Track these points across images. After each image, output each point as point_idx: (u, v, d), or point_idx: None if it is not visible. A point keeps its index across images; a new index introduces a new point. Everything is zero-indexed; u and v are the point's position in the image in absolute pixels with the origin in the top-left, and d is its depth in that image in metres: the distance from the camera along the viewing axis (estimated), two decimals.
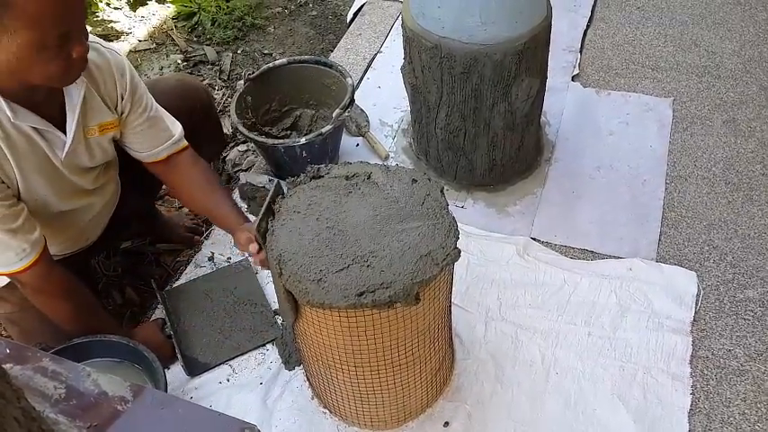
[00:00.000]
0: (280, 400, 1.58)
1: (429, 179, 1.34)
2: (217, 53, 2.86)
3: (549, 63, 1.92)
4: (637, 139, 2.17)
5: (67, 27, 1.17)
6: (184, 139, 1.57)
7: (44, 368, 0.93)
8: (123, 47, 2.91)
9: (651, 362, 1.60)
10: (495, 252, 1.84)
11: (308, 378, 1.59)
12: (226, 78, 2.74)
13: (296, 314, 1.29)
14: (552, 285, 1.76)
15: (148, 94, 1.50)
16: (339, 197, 1.32)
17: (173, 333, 1.69)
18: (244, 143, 2.37)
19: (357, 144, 2.22)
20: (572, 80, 2.40)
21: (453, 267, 1.34)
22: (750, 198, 1.97)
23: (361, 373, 1.35)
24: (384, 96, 2.39)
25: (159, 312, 1.78)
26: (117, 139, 1.51)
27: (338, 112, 1.95)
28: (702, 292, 1.74)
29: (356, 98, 2.12)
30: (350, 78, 2.05)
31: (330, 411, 1.55)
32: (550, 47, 1.87)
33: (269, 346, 1.69)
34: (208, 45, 2.90)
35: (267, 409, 1.56)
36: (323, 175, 1.38)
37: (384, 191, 1.32)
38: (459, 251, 1.23)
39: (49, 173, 1.38)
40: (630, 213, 1.95)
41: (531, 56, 1.75)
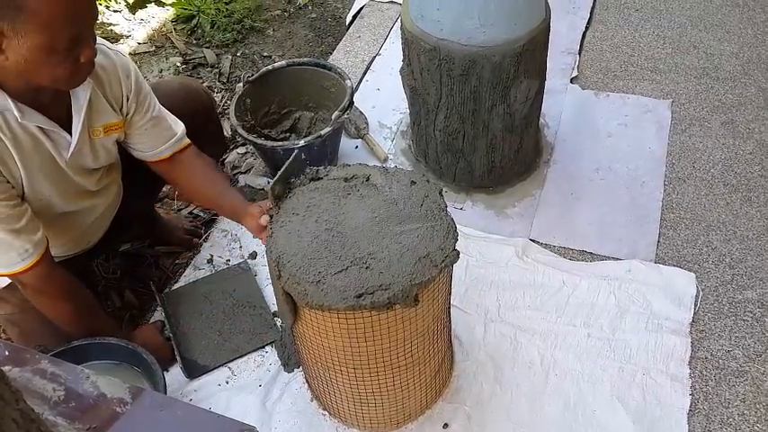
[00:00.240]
0: (279, 402, 1.58)
1: (428, 181, 1.34)
2: (216, 56, 2.86)
3: (548, 65, 1.92)
4: (635, 140, 2.18)
5: (77, 32, 1.19)
6: (187, 137, 1.58)
7: (43, 370, 0.93)
8: (122, 49, 2.91)
9: (650, 363, 1.60)
10: (494, 254, 1.85)
11: (307, 380, 1.59)
12: (225, 81, 2.74)
13: (295, 316, 1.29)
14: (551, 287, 1.76)
15: (152, 94, 1.52)
16: (338, 199, 1.32)
17: (172, 335, 1.69)
18: (243, 145, 2.37)
19: (356, 146, 2.22)
20: (571, 82, 2.40)
21: (452, 269, 1.34)
22: (749, 199, 1.98)
23: (360, 374, 1.35)
24: (383, 98, 2.39)
25: (158, 315, 1.78)
26: (121, 141, 1.52)
27: (337, 114, 1.95)
28: (701, 293, 1.74)
29: (355, 100, 2.12)
30: (349, 81, 2.06)
31: (329, 413, 1.55)
32: (549, 49, 1.87)
33: (268, 348, 1.69)
34: (207, 48, 2.91)
35: (266, 411, 1.56)
36: (322, 177, 1.38)
37: (383, 193, 1.32)
38: (458, 253, 1.23)
39: (53, 173, 1.38)
40: (629, 215, 1.95)
41: (530, 58, 1.75)
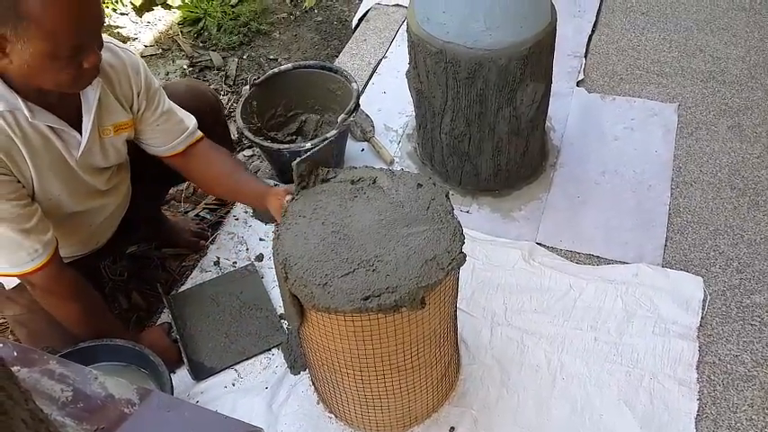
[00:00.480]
0: (285, 405, 1.58)
1: (434, 184, 1.34)
2: (222, 58, 2.87)
3: (554, 68, 1.92)
4: (642, 144, 2.17)
5: (81, 41, 1.20)
6: (199, 130, 1.59)
7: (51, 371, 0.93)
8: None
9: (658, 367, 1.59)
10: (501, 257, 1.84)
11: (313, 383, 1.59)
12: (231, 83, 2.75)
13: (301, 318, 1.29)
14: (558, 290, 1.76)
15: (162, 90, 1.53)
16: (344, 202, 1.32)
17: (179, 337, 1.69)
18: (249, 148, 2.38)
19: (362, 149, 2.23)
20: (577, 85, 2.40)
21: (459, 272, 1.34)
22: (756, 203, 1.97)
23: (366, 377, 1.35)
24: (389, 101, 2.39)
25: (165, 317, 1.78)
26: (134, 139, 1.53)
27: (343, 117, 1.95)
28: (709, 297, 1.74)
29: (361, 103, 2.12)
30: (355, 83, 2.06)
31: (335, 416, 1.55)
32: (555, 52, 1.87)
33: (274, 351, 1.69)
34: (213, 50, 2.92)
35: (272, 414, 1.56)
36: (328, 180, 1.38)
37: (389, 195, 1.32)
38: (465, 256, 1.23)
39: (63, 172, 1.39)
40: (636, 218, 1.95)
41: (536, 61, 1.75)
